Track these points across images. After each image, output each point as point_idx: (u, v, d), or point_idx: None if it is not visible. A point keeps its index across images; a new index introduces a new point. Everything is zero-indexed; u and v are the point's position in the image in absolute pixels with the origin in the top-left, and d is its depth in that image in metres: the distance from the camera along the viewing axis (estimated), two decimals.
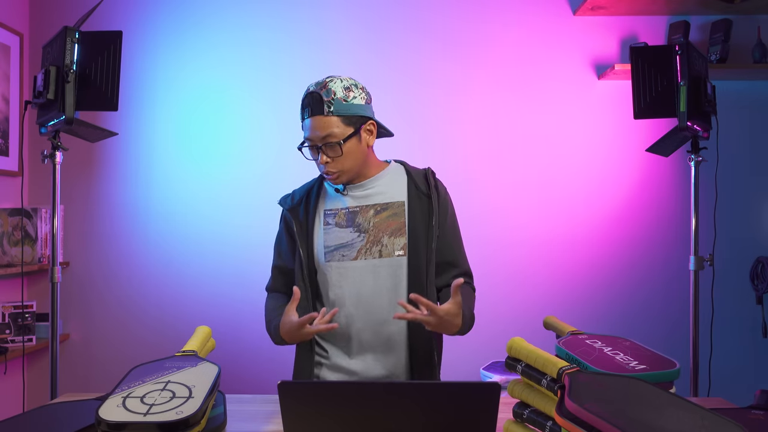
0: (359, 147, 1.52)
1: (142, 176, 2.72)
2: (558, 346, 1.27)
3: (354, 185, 1.58)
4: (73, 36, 1.83)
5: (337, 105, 1.47)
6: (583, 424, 0.90)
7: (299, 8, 2.72)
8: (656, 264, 2.71)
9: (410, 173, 1.60)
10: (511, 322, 2.68)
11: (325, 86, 1.48)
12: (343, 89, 1.48)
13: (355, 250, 1.53)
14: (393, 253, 1.52)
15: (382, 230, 1.53)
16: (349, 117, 1.48)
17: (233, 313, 2.68)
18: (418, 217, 1.54)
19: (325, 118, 1.47)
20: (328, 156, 1.49)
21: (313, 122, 1.48)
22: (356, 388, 1.08)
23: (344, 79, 1.51)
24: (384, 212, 1.55)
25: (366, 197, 1.57)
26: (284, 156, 2.68)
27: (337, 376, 1.56)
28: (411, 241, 1.52)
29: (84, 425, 1.09)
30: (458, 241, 1.63)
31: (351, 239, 1.54)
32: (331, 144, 1.47)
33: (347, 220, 1.55)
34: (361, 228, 1.54)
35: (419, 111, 2.71)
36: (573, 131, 2.72)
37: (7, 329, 2.46)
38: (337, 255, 1.54)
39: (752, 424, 1.14)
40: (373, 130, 1.55)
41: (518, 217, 2.71)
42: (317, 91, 1.48)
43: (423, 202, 1.56)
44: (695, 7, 2.62)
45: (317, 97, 1.47)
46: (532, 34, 2.72)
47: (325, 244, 1.55)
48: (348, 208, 1.56)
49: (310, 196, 1.62)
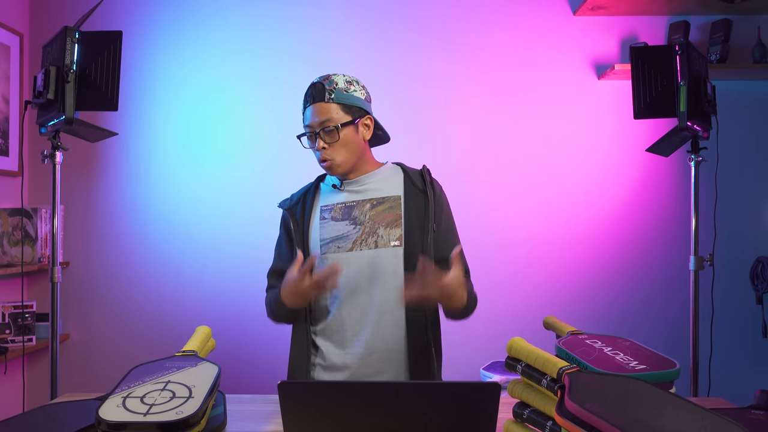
0: (356, 138, 1.56)
1: (142, 176, 2.72)
2: (558, 346, 1.27)
3: (350, 180, 1.60)
4: (73, 36, 1.84)
5: (337, 93, 1.53)
6: (583, 424, 0.90)
7: (299, 8, 2.72)
8: (656, 264, 2.71)
9: (406, 171, 1.64)
10: (511, 322, 2.68)
11: (328, 78, 1.56)
12: (345, 82, 1.56)
13: (350, 242, 1.55)
14: (389, 244, 1.54)
15: (378, 222, 1.55)
16: (349, 107, 1.54)
17: (233, 313, 2.68)
18: (414, 210, 1.56)
19: (325, 104, 1.53)
20: (325, 142, 1.53)
21: (313, 109, 1.54)
22: (356, 388, 1.08)
23: (347, 75, 1.59)
24: (380, 206, 1.57)
25: (362, 192, 1.59)
26: (284, 155, 2.69)
27: (331, 375, 1.56)
28: (407, 232, 1.54)
29: (84, 425, 1.09)
30: (454, 238, 1.63)
31: (346, 231, 1.56)
32: (329, 129, 1.52)
33: (343, 213, 1.57)
34: (357, 221, 1.56)
35: (419, 111, 2.71)
36: (573, 131, 2.72)
37: (7, 329, 2.46)
38: (333, 247, 1.55)
39: (752, 424, 1.14)
40: (370, 126, 1.60)
41: (518, 217, 2.71)
42: (320, 81, 1.55)
43: (419, 198, 1.58)
44: (695, 7, 2.62)
45: (320, 87, 1.54)
46: (532, 34, 2.72)
47: (321, 237, 1.57)
48: (344, 202, 1.59)
49: (308, 196, 1.65)
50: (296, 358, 1.58)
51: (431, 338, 1.55)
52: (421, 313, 1.54)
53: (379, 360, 1.53)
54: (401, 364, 1.53)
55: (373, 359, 1.53)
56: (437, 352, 1.59)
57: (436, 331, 1.61)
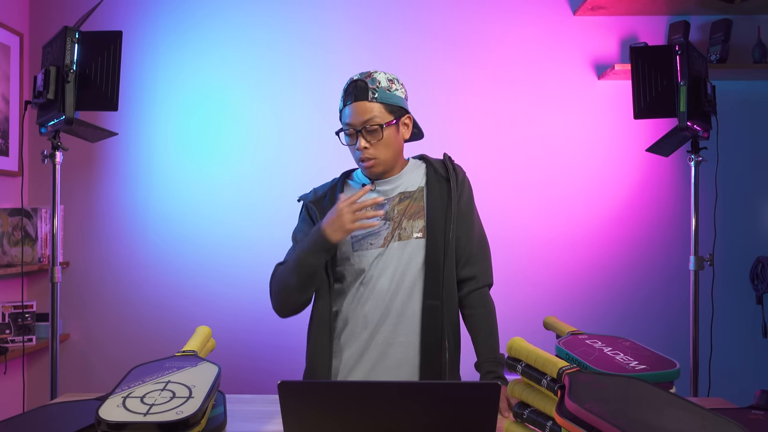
0: (396, 137, 1.56)
1: (142, 176, 2.72)
2: (558, 346, 1.27)
3: (382, 180, 1.60)
4: (73, 36, 1.84)
5: (381, 93, 1.52)
6: (583, 424, 0.90)
7: (299, 8, 2.72)
8: (656, 264, 2.71)
9: (429, 161, 1.65)
10: (511, 322, 2.67)
11: (370, 75, 1.54)
12: (387, 80, 1.54)
13: (381, 238, 1.56)
14: (411, 236, 1.54)
15: (403, 215, 1.56)
16: (391, 106, 1.53)
17: (233, 313, 2.68)
18: (437, 199, 1.57)
19: (369, 103, 1.51)
20: (368, 141, 1.52)
21: (355, 107, 1.52)
22: (356, 388, 1.08)
23: (387, 72, 1.57)
24: (407, 200, 1.58)
25: (392, 191, 1.60)
26: (284, 156, 2.69)
27: (348, 370, 1.56)
28: (429, 223, 1.55)
29: (84, 425, 1.09)
30: (471, 229, 1.61)
31: (377, 228, 1.56)
32: (372, 129, 1.51)
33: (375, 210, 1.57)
34: (387, 216, 1.57)
35: (419, 111, 2.69)
36: (573, 131, 2.72)
37: (7, 329, 2.46)
38: (365, 243, 1.56)
39: (752, 424, 1.14)
40: (410, 125, 1.61)
41: (518, 217, 2.71)
42: (362, 79, 1.53)
43: (442, 186, 1.59)
44: (695, 7, 2.62)
45: (362, 85, 1.52)
46: (532, 34, 2.72)
47: (353, 234, 1.56)
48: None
49: (336, 192, 1.64)
50: (317, 351, 1.57)
51: (446, 331, 1.53)
52: (438, 303, 1.53)
53: (400, 351, 1.53)
54: (415, 357, 1.53)
55: (393, 350, 1.53)
56: (453, 346, 1.56)
57: (454, 326, 1.58)
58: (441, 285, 1.53)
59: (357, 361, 1.55)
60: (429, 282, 1.53)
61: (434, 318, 1.53)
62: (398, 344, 1.53)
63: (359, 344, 1.55)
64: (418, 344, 1.53)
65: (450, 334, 1.55)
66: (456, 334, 1.58)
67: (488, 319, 1.59)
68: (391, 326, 1.53)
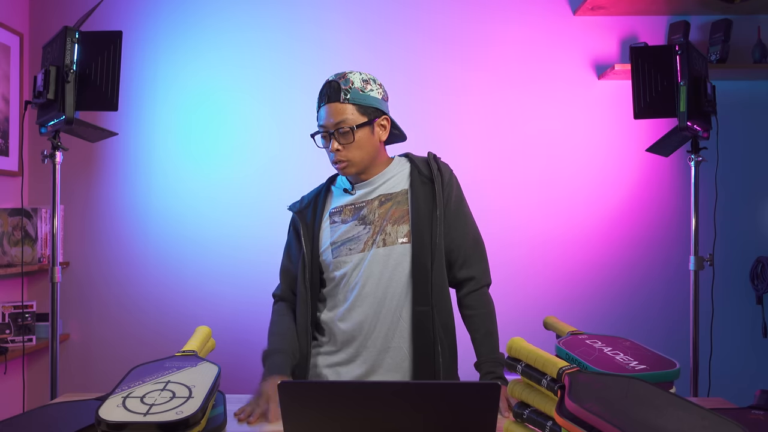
0: (371, 139, 1.53)
1: (142, 176, 2.72)
2: (558, 346, 1.27)
3: (361, 183, 1.58)
4: (73, 36, 1.83)
5: (353, 94, 1.49)
6: (583, 424, 0.90)
7: (299, 8, 2.72)
8: (656, 264, 2.71)
9: (413, 161, 1.61)
10: (511, 322, 2.67)
11: (344, 76, 1.51)
12: (362, 81, 1.51)
13: (361, 243, 1.53)
14: (396, 241, 1.52)
15: (386, 219, 1.53)
16: (365, 107, 1.50)
17: (233, 313, 2.68)
18: (422, 203, 1.53)
19: (340, 105, 1.49)
20: (340, 143, 1.50)
21: (328, 109, 1.50)
22: (356, 388, 1.08)
23: (363, 73, 1.54)
24: (388, 202, 1.55)
25: (371, 192, 1.57)
26: (284, 156, 2.69)
27: (333, 370, 1.55)
28: (414, 228, 1.51)
29: (84, 425, 1.09)
30: (467, 222, 1.58)
31: (357, 233, 1.54)
32: (344, 131, 1.49)
33: (353, 214, 1.56)
34: (367, 220, 1.54)
35: (419, 111, 2.71)
36: (573, 131, 2.72)
37: (7, 329, 2.46)
38: (344, 249, 1.54)
39: (752, 424, 1.14)
40: (387, 126, 1.56)
41: (518, 217, 2.71)
42: (336, 80, 1.51)
43: (426, 188, 1.56)
44: (695, 7, 2.62)
45: (335, 86, 1.50)
46: (532, 34, 2.72)
47: (332, 240, 1.55)
48: (353, 203, 1.57)
49: (318, 199, 1.63)
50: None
51: (438, 336, 1.51)
52: (428, 308, 1.50)
53: (391, 358, 1.52)
54: (407, 362, 1.52)
55: (384, 357, 1.52)
56: (447, 350, 1.53)
57: (447, 330, 1.55)
58: (430, 290, 1.50)
59: (347, 368, 1.54)
60: (417, 287, 1.50)
61: (425, 324, 1.50)
62: (390, 350, 1.52)
63: (349, 351, 1.54)
64: (409, 351, 1.52)
65: (443, 338, 1.52)
66: (450, 338, 1.55)
67: (488, 319, 1.57)
68: (381, 333, 1.51)
